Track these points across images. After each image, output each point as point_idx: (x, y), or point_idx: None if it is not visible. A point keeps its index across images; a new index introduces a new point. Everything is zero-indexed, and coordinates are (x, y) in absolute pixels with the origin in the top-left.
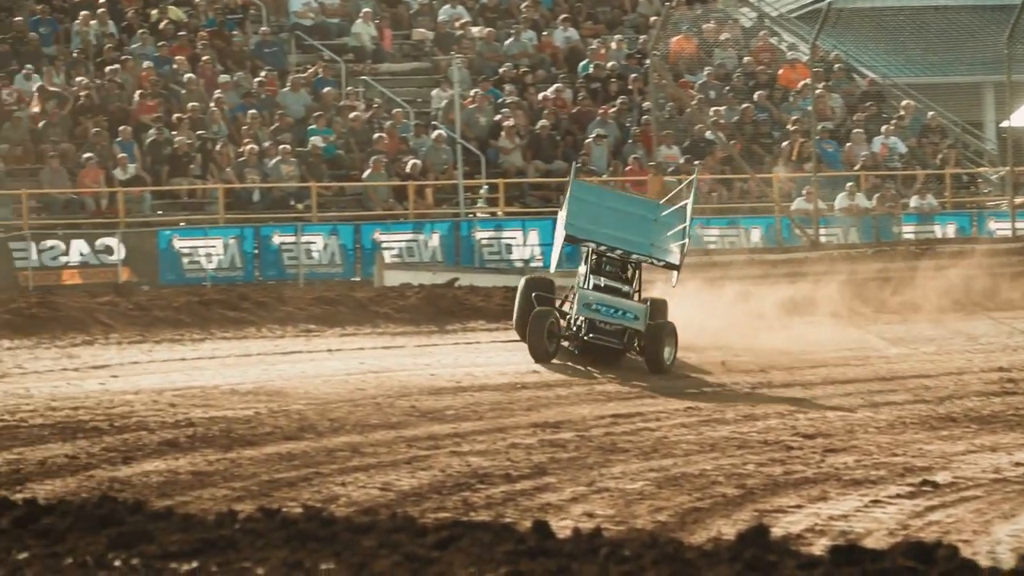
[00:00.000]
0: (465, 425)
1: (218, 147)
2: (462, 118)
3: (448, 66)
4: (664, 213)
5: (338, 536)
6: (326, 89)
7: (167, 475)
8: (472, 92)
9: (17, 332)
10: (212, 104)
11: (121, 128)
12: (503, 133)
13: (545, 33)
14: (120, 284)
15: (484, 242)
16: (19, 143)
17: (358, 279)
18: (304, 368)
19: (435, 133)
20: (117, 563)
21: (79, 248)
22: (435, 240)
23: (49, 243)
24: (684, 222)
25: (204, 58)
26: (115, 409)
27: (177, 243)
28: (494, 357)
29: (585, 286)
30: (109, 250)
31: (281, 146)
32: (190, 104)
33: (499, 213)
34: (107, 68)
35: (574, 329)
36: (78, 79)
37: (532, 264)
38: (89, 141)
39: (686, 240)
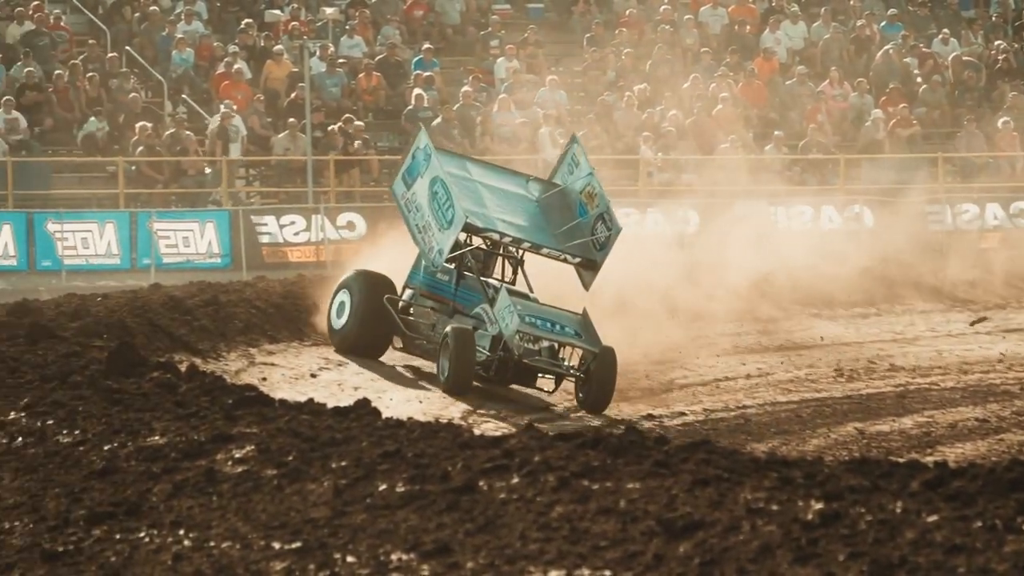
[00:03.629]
0: None
1: None
2: None
3: None
4: (546, 194)
5: None
6: None
7: None
8: None
9: (932, 297)
10: None
11: None
12: None
13: None
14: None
15: None
16: (936, 107)
17: None
18: None
19: None
20: None
21: (993, 212)
22: None
23: (964, 207)
24: (571, 203)
25: None
26: None
27: None
28: None
29: (456, 287)
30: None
31: None
32: None
33: None
34: None
35: (496, 353)
36: (996, 43)
37: None
38: (1006, 104)
39: (611, 232)
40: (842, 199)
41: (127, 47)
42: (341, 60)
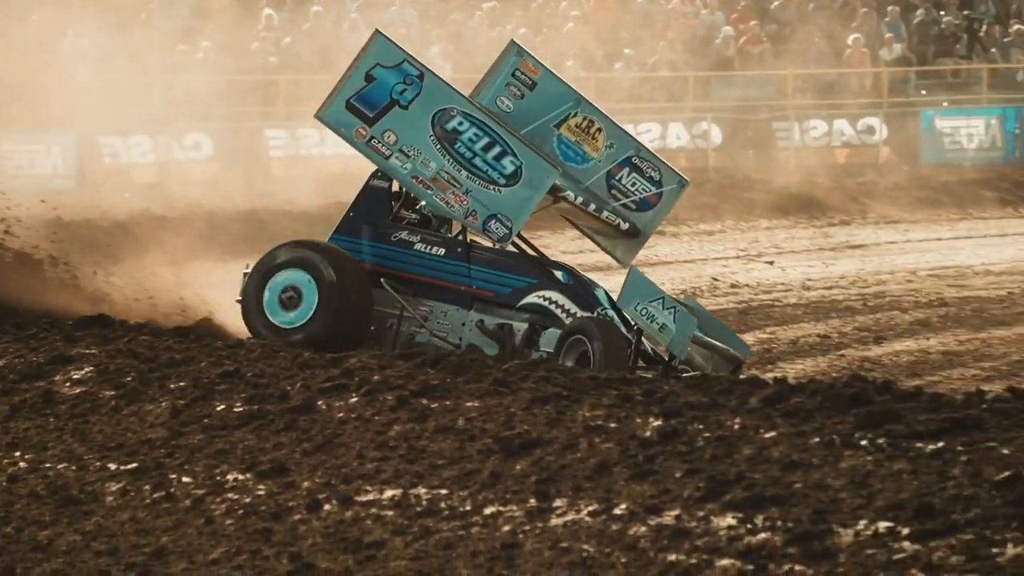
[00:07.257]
0: None
1: (984, 28)
2: None
3: None
4: (526, 127)
5: None
6: None
7: (917, 355)
8: None
9: (777, 212)
10: None
11: (889, 8)
12: None
13: None
14: (881, 164)
15: None
16: (786, 24)
17: None
18: None
19: None
20: (863, 442)
21: (841, 128)
22: None
23: (812, 123)
24: (542, 142)
25: None
26: (868, 289)
27: (939, 123)
28: None
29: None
30: (871, 130)
31: None
32: None
33: None
34: None
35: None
36: None
37: None
38: (856, 22)
39: (664, 188)
40: (690, 116)
41: None
42: None
